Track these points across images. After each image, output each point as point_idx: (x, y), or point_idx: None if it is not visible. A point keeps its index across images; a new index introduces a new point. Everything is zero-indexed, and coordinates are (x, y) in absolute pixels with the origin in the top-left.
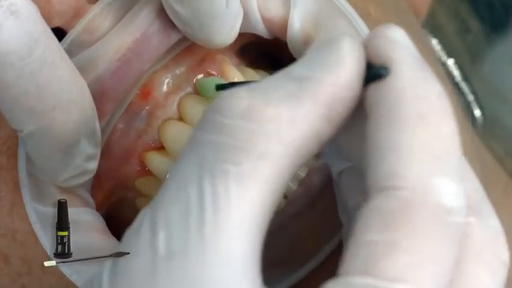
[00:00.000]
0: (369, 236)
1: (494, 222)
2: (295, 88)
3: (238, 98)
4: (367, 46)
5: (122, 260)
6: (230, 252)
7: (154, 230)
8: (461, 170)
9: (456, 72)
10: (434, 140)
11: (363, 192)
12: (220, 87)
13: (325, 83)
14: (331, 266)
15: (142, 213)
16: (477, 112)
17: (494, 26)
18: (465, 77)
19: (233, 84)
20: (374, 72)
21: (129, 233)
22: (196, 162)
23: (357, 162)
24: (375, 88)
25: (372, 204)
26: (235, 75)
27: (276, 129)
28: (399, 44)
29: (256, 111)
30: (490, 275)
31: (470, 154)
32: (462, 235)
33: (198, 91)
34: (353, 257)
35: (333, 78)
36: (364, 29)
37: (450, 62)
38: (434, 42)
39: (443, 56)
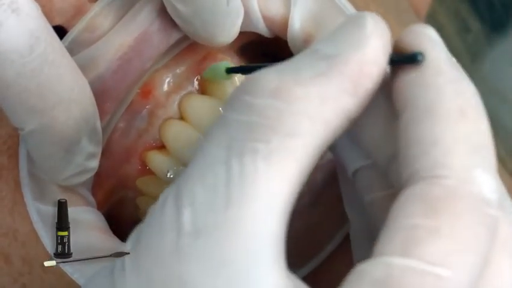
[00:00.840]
0: (410, 220)
1: None
2: (323, 66)
3: (268, 78)
4: (402, 40)
5: (145, 237)
6: (255, 231)
7: (179, 207)
8: (495, 165)
9: None
10: (475, 134)
11: (383, 188)
12: (231, 70)
13: (351, 60)
14: (332, 265)
15: (167, 190)
16: None
17: (494, 26)
18: None
19: (244, 68)
20: (408, 57)
21: (153, 210)
22: (224, 141)
23: (378, 158)
24: (412, 82)
25: (413, 190)
26: (236, 74)
27: (305, 107)
28: (437, 43)
29: (286, 90)
30: None
31: None
32: (496, 227)
33: (205, 77)
34: (391, 239)
35: (359, 55)
36: None
37: None
38: None
39: None
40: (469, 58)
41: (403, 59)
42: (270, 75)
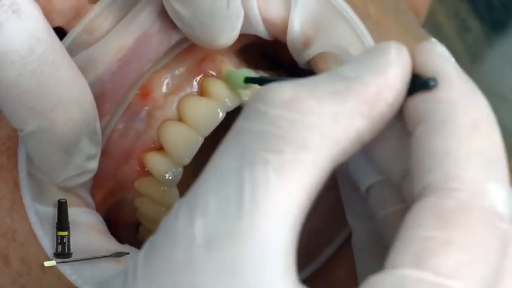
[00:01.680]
0: (423, 232)
1: None
2: (341, 86)
3: (283, 89)
4: (414, 58)
5: (158, 247)
6: (267, 242)
7: (192, 217)
8: (507, 178)
9: None
10: (487, 146)
11: (396, 203)
12: (250, 80)
13: (370, 84)
14: (331, 269)
15: (180, 201)
16: None
17: (494, 26)
18: None
19: (263, 79)
20: (421, 82)
21: (166, 220)
22: (236, 151)
23: (391, 174)
24: (425, 98)
25: (426, 202)
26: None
27: (319, 122)
28: (447, 59)
29: (300, 102)
30: None
31: None
32: (507, 242)
33: (226, 80)
34: (404, 251)
35: (379, 80)
36: (363, 31)
37: None
38: None
39: None
40: (469, 58)
41: (417, 86)
42: (285, 87)
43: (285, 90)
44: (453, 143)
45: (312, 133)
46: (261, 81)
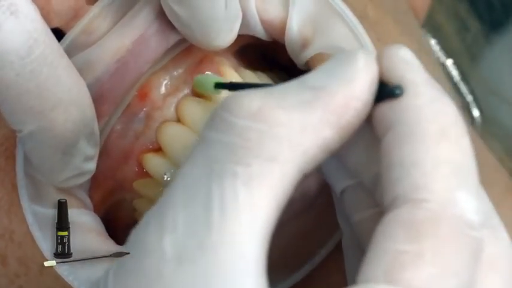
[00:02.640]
0: (394, 245)
1: (504, 234)
2: (309, 96)
3: (250, 99)
4: (379, 65)
5: (128, 261)
6: (237, 254)
7: (161, 232)
8: (477, 184)
9: (455, 73)
10: (456, 153)
11: (370, 207)
12: (219, 86)
13: (338, 93)
14: (326, 269)
15: (149, 214)
16: (476, 112)
17: (493, 26)
18: (464, 78)
19: (232, 84)
20: (387, 91)
21: (135, 233)
22: (204, 162)
23: (364, 178)
24: (391, 106)
25: (396, 214)
26: (233, 77)
27: (287, 133)
28: (412, 65)
29: (268, 113)
30: (503, 286)
31: None
32: (479, 249)
33: (194, 87)
34: (376, 264)
35: (346, 89)
36: (361, 31)
37: (449, 62)
38: (433, 42)
39: (442, 56)
40: (469, 58)
41: (383, 95)
42: (253, 96)
43: (252, 100)
44: (421, 152)
45: (279, 144)
46: (231, 87)
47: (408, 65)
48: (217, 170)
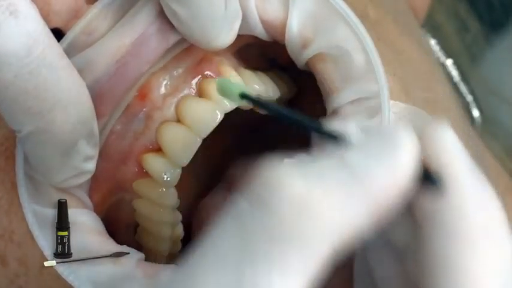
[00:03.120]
0: None
1: None
2: (348, 177)
3: (292, 182)
4: (422, 147)
5: None
6: None
7: None
8: None
9: (455, 73)
10: (499, 261)
11: (396, 265)
12: (245, 97)
13: (379, 178)
14: None
15: (176, 277)
16: (475, 112)
17: (493, 26)
18: (464, 78)
19: (259, 101)
20: (429, 177)
21: None
22: (237, 235)
23: (395, 242)
24: (433, 200)
25: None
26: (233, 77)
27: (324, 217)
28: (455, 152)
29: (307, 195)
30: None
31: (470, 155)
32: None
33: (218, 91)
34: None
35: (388, 175)
36: (362, 31)
37: (449, 62)
38: (433, 42)
39: (442, 56)
40: (469, 58)
41: (424, 177)
42: (296, 180)
43: (294, 185)
44: (467, 258)
45: (316, 227)
46: (257, 103)
47: (450, 154)
48: (251, 251)
